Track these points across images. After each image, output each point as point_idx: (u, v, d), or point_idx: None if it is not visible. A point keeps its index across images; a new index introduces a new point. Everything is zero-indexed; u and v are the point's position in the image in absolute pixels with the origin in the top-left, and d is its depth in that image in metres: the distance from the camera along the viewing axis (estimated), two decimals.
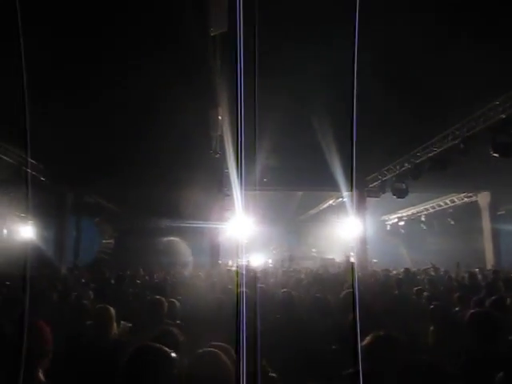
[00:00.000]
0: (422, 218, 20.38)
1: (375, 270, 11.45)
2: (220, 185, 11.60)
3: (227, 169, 10.18)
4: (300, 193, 16.73)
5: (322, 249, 20.67)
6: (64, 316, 5.17)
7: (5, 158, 10.58)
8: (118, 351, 3.27)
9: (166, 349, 2.15)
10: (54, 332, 2.73)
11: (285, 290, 5.44)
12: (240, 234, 12.59)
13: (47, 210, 16.45)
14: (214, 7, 5.05)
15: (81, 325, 4.51)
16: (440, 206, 18.63)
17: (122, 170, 12.41)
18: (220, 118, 7.52)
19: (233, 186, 11.08)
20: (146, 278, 10.48)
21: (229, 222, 12.77)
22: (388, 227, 21.85)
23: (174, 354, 2.13)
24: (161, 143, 9.45)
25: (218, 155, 9.81)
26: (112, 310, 3.89)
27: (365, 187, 13.79)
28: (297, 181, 13.34)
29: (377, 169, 12.70)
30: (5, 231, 23.85)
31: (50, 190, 13.46)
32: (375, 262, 15.37)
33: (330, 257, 17.34)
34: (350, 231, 14.61)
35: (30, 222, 18.53)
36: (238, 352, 2.16)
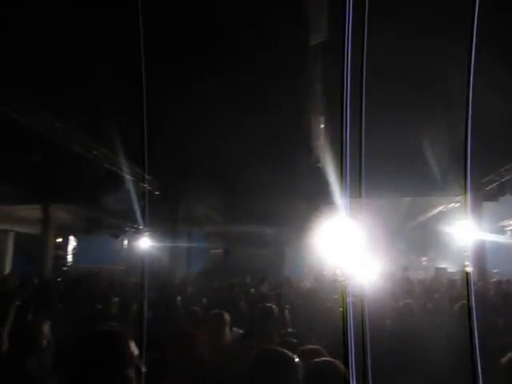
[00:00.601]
0: None
1: (499, 280, 10.51)
2: (324, 194, 11.53)
3: (331, 177, 10.10)
4: (407, 199, 16.00)
5: (433, 258, 19.55)
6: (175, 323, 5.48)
7: (124, 174, 11.55)
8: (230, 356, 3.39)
9: (291, 354, 2.18)
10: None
11: (407, 301, 5.22)
12: (345, 243, 12.33)
13: (161, 222, 17.61)
14: (314, 16, 5.08)
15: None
16: None
17: (229, 182, 12.91)
18: (322, 126, 7.50)
19: (337, 194, 10.95)
20: (254, 286, 10.71)
21: (334, 232, 12.61)
22: (509, 233, 19.95)
23: (297, 359, 2.14)
24: (262, 154, 9.65)
25: (319, 164, 9.78)
26: (227, 315, 4.02)
27: (480, 190, 12.78)
28: (404, 187, 12.77)
29: (494, 169, 11.71)
30: (125, 242, 26.00)
31: (164, 203, 14.39)
32: (496, 272, 14.13)
33: (443, 266, 16.29)
34: (465, 239, 13.61)
35: (146, 233, 19.98)
36: (346, 363, 2.14)
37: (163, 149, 8.79)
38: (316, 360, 2.27)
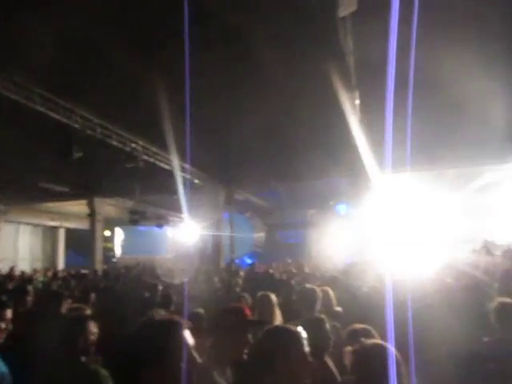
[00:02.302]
0: None
1: None
2: (363, 169, 11.29)
3: (369, 153, 9.86)
4: (451, 171, 15.41)
5: (480, 230, 18.92)
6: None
7: (164, 166, 11.75)
8: None
9: (297, 329, 2.11)
10: None
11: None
12: (387, 219, 12.11)
13: (203, 209, 17.83)
14: None
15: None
16: None
17: (268, 165, 12.86)
18: (357, 101, 7.30)
19: (377, 169, 10.69)
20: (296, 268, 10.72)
21: (375, 207, 12.36)
22: None
23: (305, 335, 2.08)
24: (300, 133, 9.52)
25: (358, 139, 9.56)
26: (273, 296, 4.05)
27: None
28: (450, 157, 12.24)
29: None
30: (170, 232, 26.55)
31: (204, 190, 14.53)
32: None
33: (491, 239, 15.69)
34: None
35: (189, 221, 20.32)
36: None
37: (200, 138, 8.85)
38: (364, 341, 2.22)
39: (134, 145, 10.29)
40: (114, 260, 25.32)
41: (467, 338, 3.55)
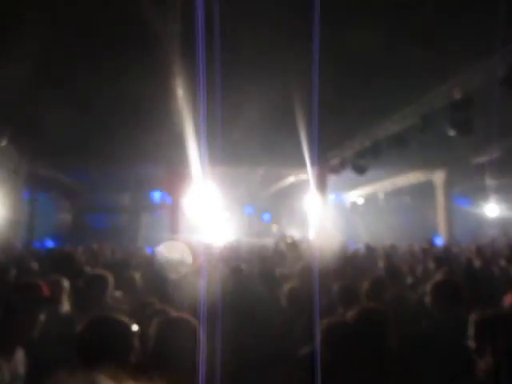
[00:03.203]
0: (380, 196, 20.78)
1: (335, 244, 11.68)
2: (180, 160, 11.42)
3: (187, 143, 10.03)
4: (262, 170, 16.70)
5: (283, 226, 20.90)
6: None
7: None
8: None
9: (124, 320, 2.05)
10: None
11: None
12: (200, 209, 12.53)
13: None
14: None
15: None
16: (397, 184, 19.00)
17: (80, 144, 12.00)
18: (180, 90, 7.30)
19: (193, 161, 10.93)
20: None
21: (189, 197, 12.66)
22: (347, 204, 22.22)
23: (134, 328, 2.03)
24: (118, 117, 9.15)
25: (177, 129, 9.60)
26: (65, 281, 3.86)
27: (326, 164, 13.87)
28: (259, 158, 13.24)
29: (337, 145, 12.73)
30: None
31: (2, 163, 12.86)
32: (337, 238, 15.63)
33: (290, 233, 17.53)
34: (311, 208, 14.82)
35: None
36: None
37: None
38: (166, 315, 2.28)
39: None
40: None
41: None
